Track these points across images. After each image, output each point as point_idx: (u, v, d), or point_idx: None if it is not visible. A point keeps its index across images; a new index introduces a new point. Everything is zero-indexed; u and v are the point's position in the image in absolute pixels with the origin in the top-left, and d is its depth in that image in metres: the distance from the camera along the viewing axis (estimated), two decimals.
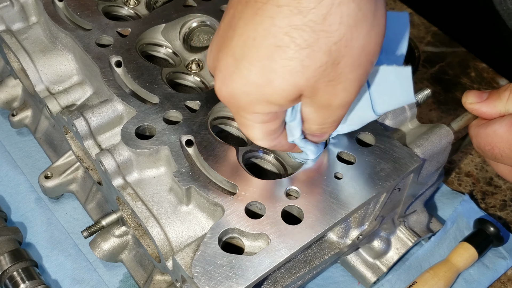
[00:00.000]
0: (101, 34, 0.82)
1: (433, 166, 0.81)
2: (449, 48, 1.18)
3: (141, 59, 0.80)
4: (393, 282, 0.87)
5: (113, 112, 0.77)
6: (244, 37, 0.59)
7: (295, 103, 0.62)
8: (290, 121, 0.65)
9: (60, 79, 0.85)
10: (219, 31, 0.63)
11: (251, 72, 0.59)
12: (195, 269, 0.63)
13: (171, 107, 0.76)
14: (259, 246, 0.66)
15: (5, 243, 0.82)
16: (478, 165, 1.01)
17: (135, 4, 0.91)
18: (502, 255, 0.89)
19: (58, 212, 0.91)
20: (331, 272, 0.88)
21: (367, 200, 0.69)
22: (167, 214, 0.71)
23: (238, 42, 0.59)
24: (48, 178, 0.87)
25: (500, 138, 0.71)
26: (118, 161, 0.72)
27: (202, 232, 0.70)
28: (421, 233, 0.88)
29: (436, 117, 1.07)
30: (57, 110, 0.82)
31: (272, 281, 0.76)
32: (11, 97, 0.97)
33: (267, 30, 0.57)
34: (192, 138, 0.73)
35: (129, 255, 0.84)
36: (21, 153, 0.97)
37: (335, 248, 0.79)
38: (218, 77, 0.62)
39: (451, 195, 0.96)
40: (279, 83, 0.59)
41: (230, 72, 0.61)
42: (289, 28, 0.56)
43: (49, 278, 0.85)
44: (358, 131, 0.74)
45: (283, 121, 0.65)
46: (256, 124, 0.64)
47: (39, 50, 0.86)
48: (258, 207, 0.68)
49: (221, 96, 0.63)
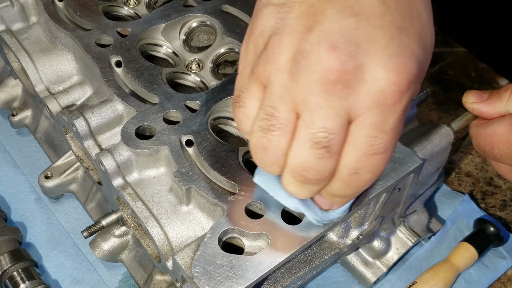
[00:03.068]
0: (101, 34, 0.82)
1: (433, 166, 0.81)
2: (449, 48, 1.18)
3: (141, 59, 0.80)
4: (393, 282, 0.86)
5: (113, 112, 0.77)
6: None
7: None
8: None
9: (60, 79, 0.85)
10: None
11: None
12: (195, 269, 0.63)
13: (171, 107, 0.76)
14: (259, 246, 0.66)
15: (5, 243, 0.82)
16: (478, 165, 1.01)
17: (135, 4, 0.91)
18: (502, 255, 0.89)
19: (58, 212, 0.91)
20: (331, 272, 0.88)
21: (367, 200, 0.69)
22: (167, 214, 0.71)
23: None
24: (48, 178, 0.87)
25: (500, 138, 0.71)
26: (118, 161, 0.72)
27: (202, 232, 0.70)
28: (421, 233, 0.88)
29: (436, 117, 1.07)
30: (57, 110, 0.82)
31: (272, 281, 0.76)
32: (11, 97, 0.97)
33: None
34: (192, 138, 0.73)
35: (129, 255, 0.84)
36: (21, 153, 0.97)
37: (335, 248, 0.79)
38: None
39: (451, 195, 0.96)
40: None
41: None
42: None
43: (49, 278, 0.85)
44: None
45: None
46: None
47: (39, 50, 0.86)
48: (258, 207, 0.68)
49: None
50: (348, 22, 0.52)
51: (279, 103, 0.54)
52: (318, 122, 0.53)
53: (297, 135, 0.55)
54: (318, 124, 0.53)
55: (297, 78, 0.53)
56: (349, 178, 0.56)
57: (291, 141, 0.55)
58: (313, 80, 0.52)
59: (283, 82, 0.54)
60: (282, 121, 0.55)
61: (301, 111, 0.54)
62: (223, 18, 0.87)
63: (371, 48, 0.52)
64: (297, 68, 0.53)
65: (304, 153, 0.54)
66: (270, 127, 0.55)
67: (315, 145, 0.54)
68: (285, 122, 0.55)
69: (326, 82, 0.52)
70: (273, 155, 0.56)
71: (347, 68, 0.52)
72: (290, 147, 0.55)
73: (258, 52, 0.56)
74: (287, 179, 0.58)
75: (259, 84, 0.56)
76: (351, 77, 0.52)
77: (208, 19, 0.87)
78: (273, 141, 0.55)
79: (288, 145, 0.55)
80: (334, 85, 0.52)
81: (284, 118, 0.55)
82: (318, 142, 0.54)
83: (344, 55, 0.52)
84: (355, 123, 0.54)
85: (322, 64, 0.52)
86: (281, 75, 0.54)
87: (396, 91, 0.53)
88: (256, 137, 0.56)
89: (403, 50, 0.53)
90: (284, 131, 0.55)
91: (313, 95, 0.53)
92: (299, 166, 0.55)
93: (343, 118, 0.53)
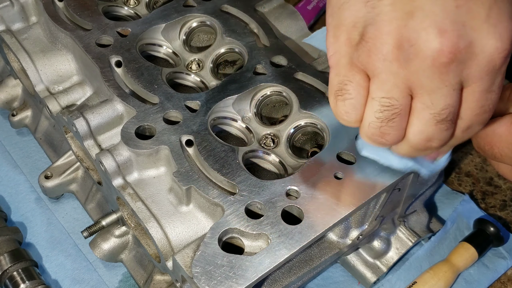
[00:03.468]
0: (101, 34, 0.82)
1: None
2: None
3: (141, 59, 0.80)
4: (393, 282, 0.86)
5: (113, 112, 0.77)
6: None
7: None
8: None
9: (60, 79, 0.85)
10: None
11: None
12: (195, 269, 0.63)
13: (171, 107, 0.76)
14: (259, 246, 0.66)
15: (5, 243, 0.82)
16: (478, 165, 1.01)
17: (135, 4, 0.91)
18: (502, 255, 0.89)
19: (58, 212, 0.91)
20: (331, 272, 0.88)
21: (367, 200, 0.69)
22: (167, 214, 0.71)
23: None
24: (48, 178, 0.87)
25: (499, 137, 0.71)
26: (118, 161, 0.72)
27: (202, 232, 0.70)
28: (421, 233, 0.88)
29: None
30: (57, 110, 0.82)
31: (272, 281, 0.76)
32: (11, 97, 0.97)
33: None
34: (192, 138, 0.73)
35: (129, 255, 0.84)
36: (21, 153, 0.97)
37: (335, 248, 0.79)
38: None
39: (451, 195, 0.96)
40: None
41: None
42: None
43: (49, 278, 0.85)
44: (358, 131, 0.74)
45: None
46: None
47: (39, 50, 0.86)
48: (258, 207, 0.68)
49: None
50: (447, 2, 0.54)
51: (394, 92, 0.57)
52: (440, 102, 0.57)
53: (418, 115, 0.58)
54: (440, 104, 0.57)
55: (408, 65, 0.55)
56: (463, 134, 0.61)
57: (410, 119, 0.59)
58: (427, 65, 0.55)
59: (393, 70, 0.56)
60: (400, 107, 0.58)
61: (418, 94, 0.57)
62: (223, 18, 0.87)
63: (476, 23, 0.54)
64: (406, 55, 0.55)
65: (429, 129, 0.58)
66: (389, 116, 0.58)
67: (441, 122, 0.58)
68: (403, 107, 0.58)
69: (440, 65, 0.54)
70: (394, 137, 0.60)
71: (459, 48, 0.54)
72: (409, 125, 0.59)
73: (353, 44, 0.58)
74: (406, 149, 0.61)
75: (363, 74, 0.58)
76: (463, 55, 0.55)
77: (208, 19, 0.87)
78: (394, 127, 0.59)
79: (407, 124, 0.59)
80: (448, 66, 0.55)
81: (401, 104, 0.57)
82: (443, 118, 0.57)
83: (455, 37, 0.54)
84: (466, 91, 0.57)
85: (433, 49, 0.54)
86: (389, 64, 0.56)
87: (504, 56, 0.56)
88: (374, 127, 0.59)
89: (502, 16, 0.55)
90: (403, 116, 0.58)
91: (429, 78, 0.55)
92: (423, 140, 0.59)
93: (459, 90, 0.57)
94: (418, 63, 0.55)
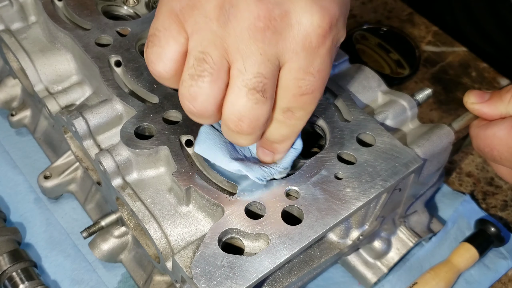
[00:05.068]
0: (101, 34, 0.82)
1: (434, 166, 0.80)
2: (449, 47, 1.18)
3: (140, 58, 0.80)
4: (394, 282, 0.86)
5: (112, 112, 0.77)
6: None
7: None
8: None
9: (59, 79, 0.85)
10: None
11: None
12: (195, 270, 0.63)
13: (171, 106, 0.75)
14: (259, 246, 0.66)
15: (4, 243, 0.82)
16: (479, 165, 1.01)
17: (135, 4, 0.91)
18: (503, 256, 0.89)
19: (58, 213, 0.91)
20: (332, 272, 0.88)
21: (368, 200, 0.69)
22: (166, 215, 0.71)
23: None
24: (47, 178, 0.87)
25: (499, 140, 0.71)
26: (117, 161, 0.72)
27: (202, 233, 0.70)
28: (422, 234, 0.88)
29: (436, 117, 1.07)
30: (56, 110, 0.82)
31: (272, 282, 0.75)
32: (10, 97, 0.97)
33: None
34: (192, 138, 0.72)
35: (128, 255, 0.84)
36: (20, 153, 0.97)
37: (335, 248, 0.79)
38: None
39: (452, 195, 0.96)
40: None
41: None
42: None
43: (48, 279, 0.85)
44: (359, 131, 0.74)
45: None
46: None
47: (38, 49, 0.86)
48: (258, 207, 0.68)
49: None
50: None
51: (210, 48, 0.56)
52: (252, 68, 0.56)
53: (232, 84, 0.57)
54: (252, 70, 0.56)
55: (227, 26, 0.55)
56: (283, 116, 0.60)
57: (225, 91, 0.57)
58: (244, 27, 0.55)
59: (213, 29, 0.56)
60: (214, 66, 0.56)
61: (234, 60, 0.56)
62: None
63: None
64: (226, 16, 0.55)
65: (240, 100, 0.57)
66: (201, 73, 0.56)
67: (251, 91, 0.56)
68: (217, 67, 0.56)
69: (256, 29, 0.55)
70: (204, 104, 0.57)
71: (274, 14, 0.55)
72: (224, 98, 0.57)
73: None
74: (225, 130, 0.60)
75: (180, 27, 0.57)
76: (279, 24, 0.55)
77: None
78: (203, 88, 0.56)
79: (221, 95, 0.57)
80: (264, 32, 0.55)
81: (215, 63, 0.56)
82: (254, 87, 0.56)
83: (270, 3, 0.55)
84: (283, 68, 0.57)
85: (251, 11, 0.54)
86: (210, 22, 0.56)
87: (320, 34, 0.56)
88: (185, 86, 0.57)
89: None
90: (216, 77, 0.56)
91: (244, 42, 0.55)
92: (235, 115, 0.58)
93: (274, 64, 0.56)
94: (236, 25, 0.55)
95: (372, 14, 1.23)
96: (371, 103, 0.82)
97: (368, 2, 1.25)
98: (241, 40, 0.55)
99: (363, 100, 0.81)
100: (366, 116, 0.76)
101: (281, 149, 0.67)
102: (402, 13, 1.23)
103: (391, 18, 1.22)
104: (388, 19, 1.22)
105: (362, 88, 0.82)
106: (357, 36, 1.18)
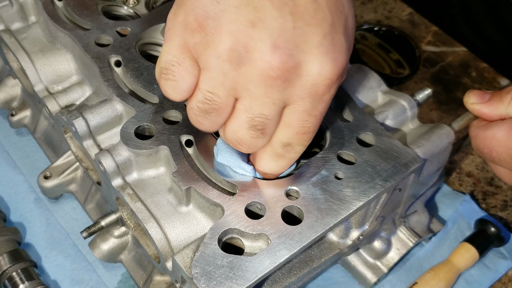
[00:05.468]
0: (101, 34, 0.82)
1: (434, 166, 0.80)
2: (449, 47, 1.18)
3: (140, 58, 0.80)
4: (394, 282, 0.86)
5: (112, 112, 0.77)
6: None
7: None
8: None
9: (59, 79, 0.85)
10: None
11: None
12: (195, 270, 0.63)
13: (171, 106, 0.75)
14: (259, 246, 0.66)
15: (4, 243, 0.82)
16: (479, 165, 1.01)
17: (135, 4, 0.90)
18: (503, 256, 0.89)
19: (58, 213, 0.91)
20: (332, 272, 0.88)
21: (368, 200, 0.69)
22: (166, 215, 0.71)
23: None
24: (47, 178, 0.87)
25: (499, 142, 0.71)
26: (117, 161, 0.72)
27: (202, 233, 0.70)
28: (422, 234, 0.88)
29: (436, 117, 1.07)
30: (56, 110, 0.82)
31: (272, 282, 0.75)
32: (10, 97, 0.97)
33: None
34: (191, 138, 0.72)
35: (128, 255, 0.84)
36: (20, 153, 0.97)
37: (335, 248, 0.79)
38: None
39: (452, 195, 0.96)
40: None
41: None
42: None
43: (48, 279, 0.85)
44: (359, 131, 0.74)
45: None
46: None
47: (38, 49, 0.86)
48: (258, 207, 0.68)
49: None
50: (286, 22, 0.56)
51: (219, 89, 0.59)
52: (257, 109, 0.59)
53: (236, 115, 0.61)
54: (257, 111, 0.60)
55: (240, 68, 0.57)
56: (283, 150, 0.65)
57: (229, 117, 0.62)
58: (256, 73, 0.57)
59: (224, 70, 0.58)
60: (221, 105, 0.60)
61: (241, 97, 0.60)
62: None
63: (307, 47, 0.57)
64: (240, 60, 0.57)
65: (241, 131, 0.61)
66: (208, 110, 0.61)
67: (252, 127, 0.61)
68: (223, 105, 0.60)
69: (267, 77, 0.57)
70: (208, 128, 0.63)
71: (287, 66, 0.57)
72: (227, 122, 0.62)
73: (189, 28, 0.58)
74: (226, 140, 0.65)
75: (193, 61, 0.59)
76: (290, 74, 0.58)
77: None
78: (210, 119, 0.62)
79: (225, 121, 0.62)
80: (275, 80, 0.57)
81: (223, 102, 0.60)
82: (255, 125, 0.61)
83: (285, 54, 0.57)
84: (288, 108, 0.61)
85: (265, 61, 0.57)
86: (222, 63, 0.58)
87: (327, 84, 0.59)
88: (193, 112, 0.62)
89: (334, 46, 0.59)
90: (222, 112, 0.61)
91: (254, 85, 0.58)
92: (234, 139, 0.63)
93: (279, 106, 0.60)
94: (249, 69, 0.57)
95: (372, 14, 1.23)
96: (371, 103, 0.82)
97: (368, 2, 1.25)
98: (250, 82, 0.58)
99: (363, 100, 0.81)
100: (366, 116, 0.76)
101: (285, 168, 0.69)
102: (402, 13, 1.23)
103: (391, 18, 1.22)
104: (388, 19, 1.22)
105: (362, 88, 0.82)
106: (357, 36, 1.18)
